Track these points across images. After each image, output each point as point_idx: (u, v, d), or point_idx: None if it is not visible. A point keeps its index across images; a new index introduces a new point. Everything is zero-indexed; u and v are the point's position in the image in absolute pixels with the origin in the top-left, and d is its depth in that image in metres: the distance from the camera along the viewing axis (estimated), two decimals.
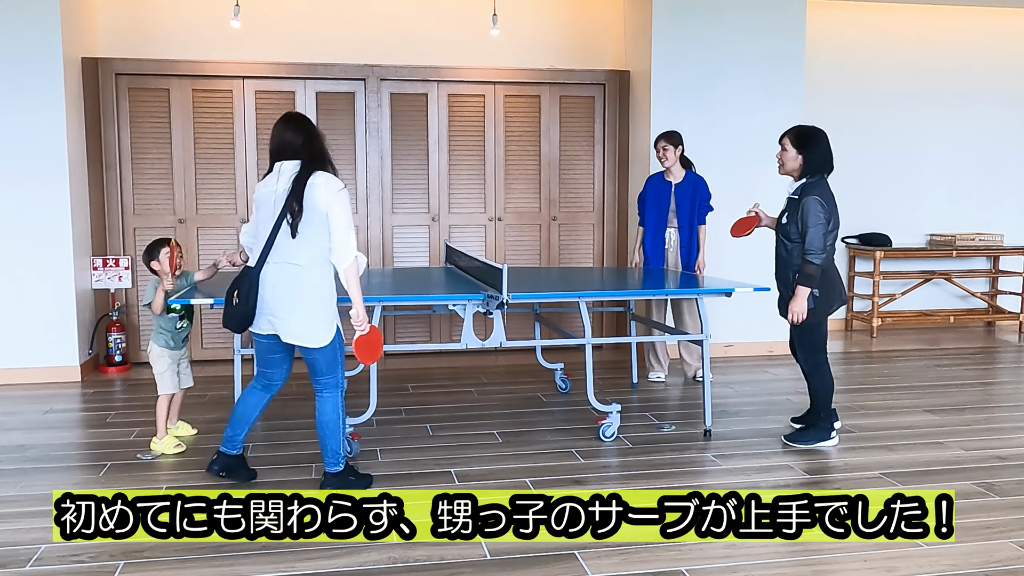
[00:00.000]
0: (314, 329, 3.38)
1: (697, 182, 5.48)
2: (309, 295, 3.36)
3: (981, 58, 7.79)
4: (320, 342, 3.39)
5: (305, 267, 3.35)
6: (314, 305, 3.37)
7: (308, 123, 3.48)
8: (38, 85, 5.41)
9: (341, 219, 3.33)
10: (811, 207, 3.92)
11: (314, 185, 3.32)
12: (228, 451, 3.64)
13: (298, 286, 3.35)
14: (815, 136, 4.05)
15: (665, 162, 5.42)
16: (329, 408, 3.48)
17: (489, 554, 2.95)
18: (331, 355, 3.44)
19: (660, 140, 5.43)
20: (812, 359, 4.19)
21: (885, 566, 2.87)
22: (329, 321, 3.42)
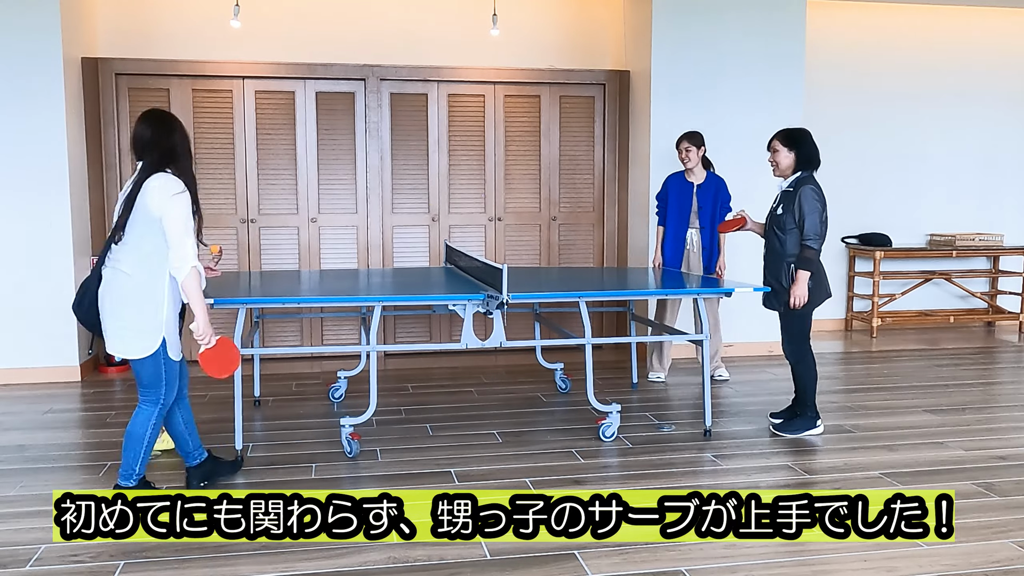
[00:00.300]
0: (129, 340, 3.23)
1: (719, 183, 5.49)
2: (129, 303, 3.21)
3: (981, 58, 7.79)
4: (135, 354, 3.24)
5: (130, 274, 3.19)
6: (133, 314, 3.21)
7: (162, 120, 3.29)
8: (38, 85, 5.41)
9: (173, 226, 3.15)
10: (807, 195, 4.16)
11: (148, 189, 3.16)
12: (192, 463, 3.61)
13: (120, 293, 3.21)
14: (802, 134, 4.33)
15: (688, 163, 5.41)
16: (140, 420, 3.32)
17: (489, 554, 2.95)
18: (152, 369, 3.27)
19: (683, 141, 5.42)
20: (798, 349, 4.33)
21: (885, 566, 2.87)
22: (149, 333, 3.23)
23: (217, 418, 4.67)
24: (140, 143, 3.25)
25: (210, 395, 5.22)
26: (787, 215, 4.21)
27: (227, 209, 6.22)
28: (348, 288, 4.51)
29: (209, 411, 4.83)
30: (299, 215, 6.32)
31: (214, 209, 6.19)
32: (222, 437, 4.29)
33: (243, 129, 6.19)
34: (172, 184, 3.19)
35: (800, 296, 4.17)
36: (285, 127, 6.26)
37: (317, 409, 4.92)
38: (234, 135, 6.18)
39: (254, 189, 6.24)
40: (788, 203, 4.22)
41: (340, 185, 6.36)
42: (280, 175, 6.29)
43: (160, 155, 3.23)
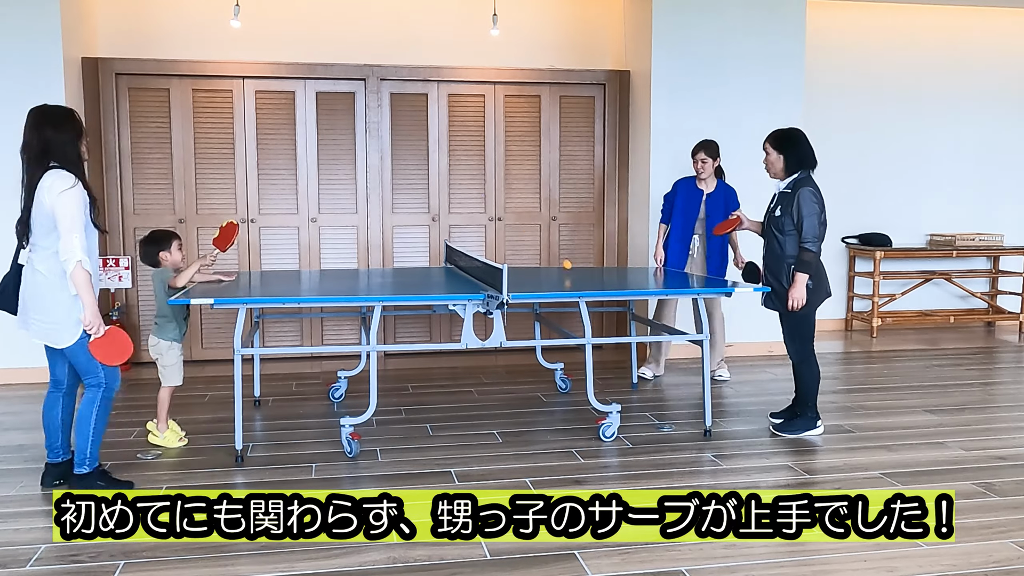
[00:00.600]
0: (55, 332, 3.37)
1: (729, 193, 5.49)
2: (48, 298, 3.35)
3: (981, 58, 7.79)
4: (63, 343, 3.39)
5: (44, 272, 3.33)
6: (53, 308, 3.35)
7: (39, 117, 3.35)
8: (38, 85, 5.41)
9: (61, 222, 3.24)
10: (805, 198, 4.15)
11: (40, 188, 3.27)
12: (54, 459, 3.61)
13: (39, 291, 3.35)
14: (792, 136, 4.31)
15: (703, 173, 5.41)
16: (86, 404, 3.48)
17: (489, 554, 2.95)
18: (84, 355, 3.41)
19: (700, 151, 5.39)
20: (802, 349, 4.33)
21: (885, 566, 2.87)
22: (72, 323, 3.36)
23: (217, 418, 4.67)
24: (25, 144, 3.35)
25: (210, 395, 5.23)
26: (785, 217, 4.21)
27: (227, 209, 6.22)
28: (348, 288, 4.52)
29: (209, 411, 4.83)
30: (299, 215, 6.33)
31: (214, 209, 6.19)
32: (222, 437, 4.29)
33: (243, 129, 6.19)
34: (62, 181, 3.26)
35: (798, 299, 4.17)
36: (285, 127, 6.26)
37: (317, 409, 4.92)
38: (234, 135, 6.18)
39: (254, 189, 6.25)
40: (786, 205, 4.21)
41: (340, 185, 6.36)
42: (280, 175, 6.29)
43: (38, 152, 3.31)
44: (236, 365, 3.90)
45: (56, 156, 3.32)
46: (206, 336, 6.29)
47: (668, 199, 5.62)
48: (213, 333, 6.30)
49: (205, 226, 6.18)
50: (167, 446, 4.13)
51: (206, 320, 6.27)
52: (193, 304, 3.88)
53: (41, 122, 3.34)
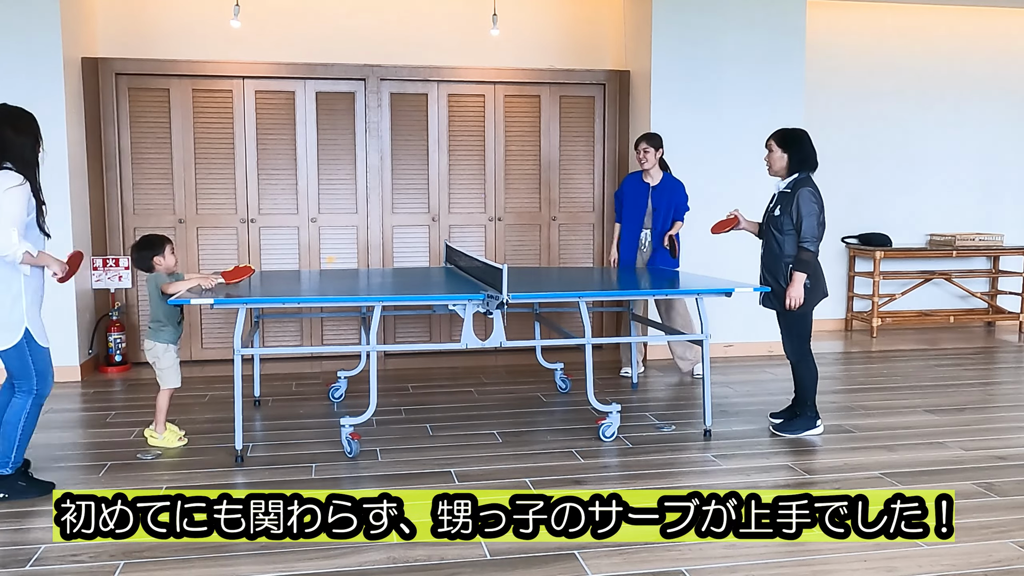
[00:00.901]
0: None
1: (675, 186, 5.50)
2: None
3: (981, 58, 7.79)
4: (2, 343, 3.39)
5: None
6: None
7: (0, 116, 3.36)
8: (38, 85, 5.41)
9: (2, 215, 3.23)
10: (804, 197, 4.16)
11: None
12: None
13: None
14: (798, 136, 4.30)
15: (645, 164, 5.44)
16: (15, 410, 3.47)
17: (489, 554, 2.95)
18: (18, 360, 3.42)
19: (641, 142, 5.46)
20: (799, 348, 4.33)
21: (885, 566, 2.87)
22: (10, 325, 3.37)
23: (217, 418, 4.67)
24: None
25: (210, 395, 5.23)
26: (785, 216, 4.21)
27: (227, 209, 6.22)
28: (348, 288, 4.52)
29: (209, 411, 4.83)
30: (299, 215, 6.33)
31: (214, 209, 6.19)
32: (222, 437, 4.30)
33: (243, 129, 6.19)
34: (5, 180, 3.28)
35: (795, 298, 4.18)
36: (285, 127, 6.26)
37: (317, 409, 4.92)
38: (234, 135, 6.18)
39: (254, 189, 6.24)
40: (786, 204, 4.22)
41: (340, 185, 6.36)
42: (280, 175, 6.29)
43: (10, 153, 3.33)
44: (236, 365, 3.90)
45: (11, 156, 3.35)
46: (206, 336, 6.29)
47: (618, 197, 5.65)
48: (213, 333, 6.30)
49: (205, 226, 6.18)
50: (167, 446, 4.13)
51: (206, 320, 6.27)
52: (193, 304, 3.88)
53: (2, 122, 3.35)
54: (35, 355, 3.47)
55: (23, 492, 3.48)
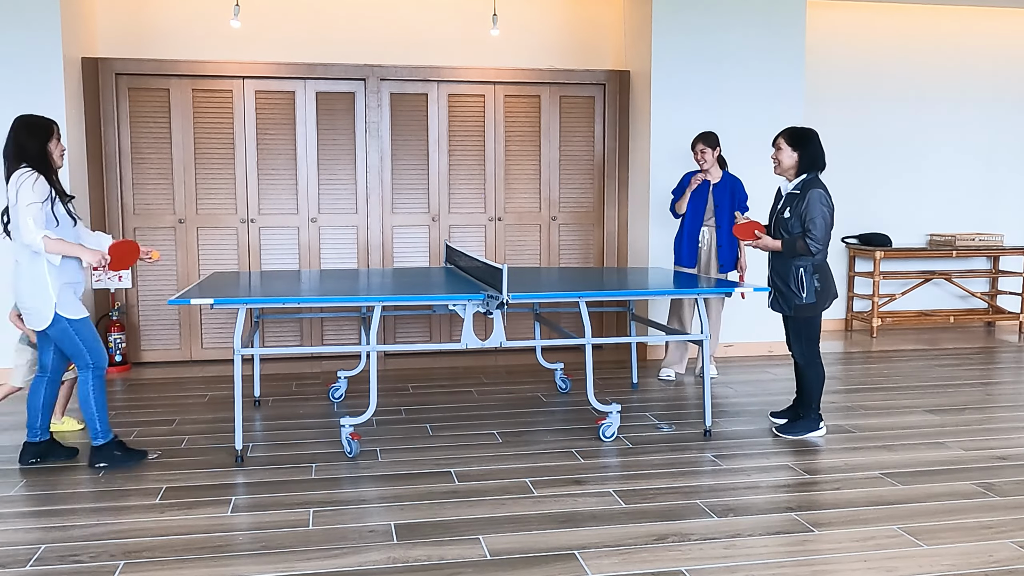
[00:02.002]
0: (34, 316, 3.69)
1: (735, 182, 5.50)
2: (23, 286, 3.68)
3: (981, 58, 7.79)
4: (40, 326, 3.69)
5: (20, 262, 3.68)
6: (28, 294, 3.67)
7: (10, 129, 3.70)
8: (38, 85, 5.41)
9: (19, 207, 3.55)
10: (816, 199, 4.11)
11: (8, 186, 3.63)
12: (33, 439, 3.91)
13: (16, 279, 3.70)
14: (808, 135, 4.26)
15: (704, 164, 5.42)
16: (80, 388, 3.79)
17: (489, 554, 2.95)
18: (65, 338, 3.72)
19: (698, 143, 5.43)
20: (809, 351, 4.31)
21: (885, 566, 2.87)
22: (43, 307, 3.66)
23: (217, 418, 4.67)
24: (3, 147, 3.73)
25: (210, 395, 5.23)
26: (794, 219, 4.16)
27: (227, 209, 6.22)
28: (348, 288, 4.51)
29: (209, 411, 4.83)
30: (299, 215, 6.33)
31: (214, 209, 6.19)
32: (222, 437, 4.30)
33: (243, 129, 6.19)
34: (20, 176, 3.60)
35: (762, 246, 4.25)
36: (285, 127, 6.26)
37: (317, 409, 4.92)
38: (234, 135, 6.18)
39: (254, 189, 6.25)
40: (795, 206, 4.17)
41: (340, 185, 6.37)
42: (280, 175, 6.29)
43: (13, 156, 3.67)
44: (236, 365, 3.90)
45: (26, 158, 3.66)
46: (206, 336, 6.29)
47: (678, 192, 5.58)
48: (213, 333, 6.30)
49: (205, 226, 6.18)
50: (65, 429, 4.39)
51: (206, 320, 6.27)
52: (193, 304, 3.88)
53: (18, 129, 3.70)
54: (80, 332, 3.73)
55: (121, 460, 3.85)
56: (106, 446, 3.83)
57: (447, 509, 3.34)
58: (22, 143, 3.67)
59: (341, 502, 3.40)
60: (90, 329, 3.78)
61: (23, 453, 3.90)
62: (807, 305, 4.20)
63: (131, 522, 3.22)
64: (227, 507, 3.36)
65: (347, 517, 3.25)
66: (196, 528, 3.16)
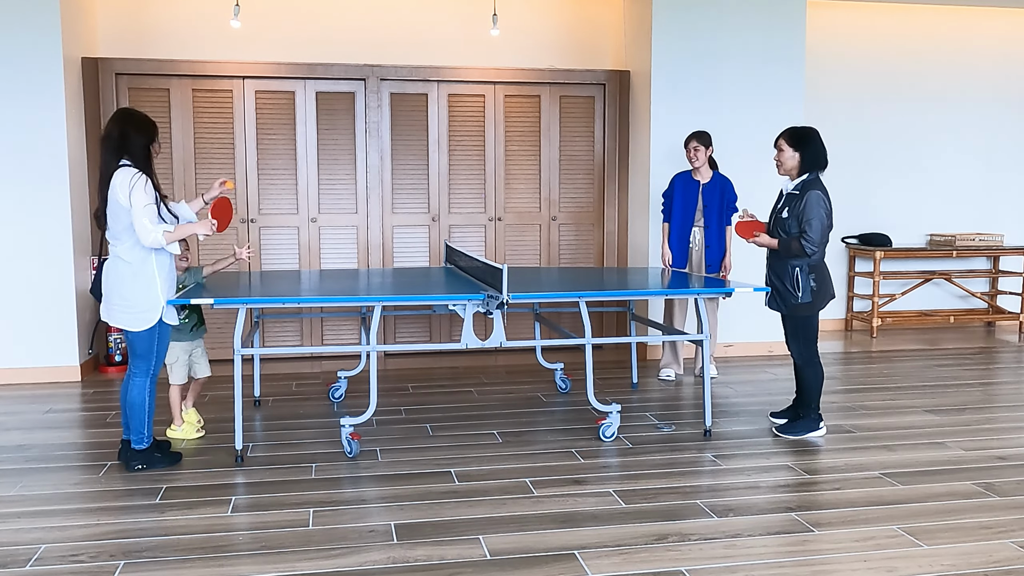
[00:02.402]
0: (131, 316, 3.67)
1: (724, 183, 5.51)
2: (127, 283, 3.66)
3: (982, 58, 7.79)
4: (137, 327, 3.68)
5: (124, 258, 3.66)
6: (131, 293, 3.65)
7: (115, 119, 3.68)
8: (38, 85, 5.41)
9: (135, 213, 3.56)
10: (814, 201, 4.11)
11: (113, 184, 3.60)
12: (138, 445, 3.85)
13: (118, 276, 3.67)
14: (809, 134, 4.25)
15: (696, 162, 5.43)
16: (136, 391, 3.75)
17: (489, 554, 2.95)
18: (148, 342, 3.71)
19: (692, 140, 5.43)
20: (806, 351, 4.31)
21: (885, 566, 2.87)
22: (148, 309, 3.67)
23: (217, 418, 4.67)
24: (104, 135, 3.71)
25: (210, 395, 5.23)
26: (792, 219, 4.17)
27: None
28: (348, 288, 4.51)
29: (209, 411, 4.83)
30: (299, 215, 6.33)
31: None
32: (222, 437, 4.30)
33: (243, 129, 6.19)
34: (128, 176, 3.59)
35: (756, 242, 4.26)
36: (285, 127, 6.26)
37: (317, 409, 4.92)
38: (234, 135, 6.19)
39: (254, 189, 6.25)
40: (794, 206, 4.17)
41: (340, 185, 6.37)
42: (280, 175, 6.29)
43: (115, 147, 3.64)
44: (236, 365, 3.90)
45: (128, 153, 3.64)
46: (206, 336, 6.27)
47: (667, 196, 5.62)
48: (213, 333, 6.29)
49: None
50: (186, 437, 4.28)
51: (206, 320, 6.25)
52: (192, 304, 3.89)
53: (125, 120, 3.68)
54: (162, 338, 3.77)
55: (160, 462, 3.83)
56: (148, 449, 3.83)
57: (447, 509, 3.34)
58: (128, 137, 3.64)
59: (341, 502, 3.40)
60: (168, 332, 3.84)
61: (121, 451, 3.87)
62: (803, 305, 4.21)
63: (131, 522, 3.22)
64: (227, 507, 3.36)
65: (347, 517, 3.26)
66: (196, 528, 3.16)
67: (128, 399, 3.78)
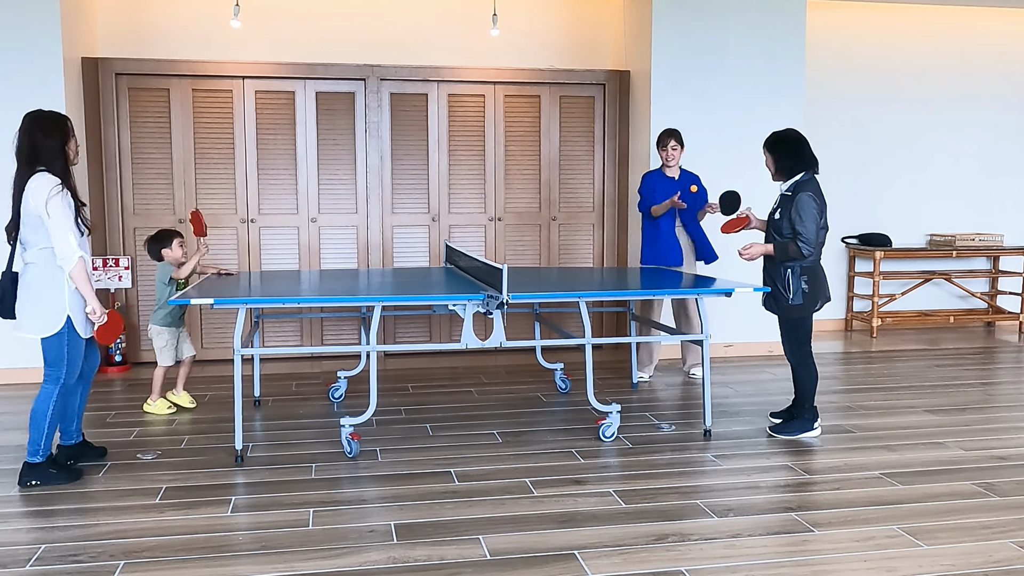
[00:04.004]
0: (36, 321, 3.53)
1: (692, 177, 5.54)
2: (34, 289, 3.51)
3: (982, 58, 7.79)
4: (42, 332, 3.53)
5: (35, 263, 3.51)
6: (38, 298, 3.51)
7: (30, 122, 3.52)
8: (38, 85, 5.41)
9: (53, 224, 3.42)
10: (805, 203, 4.10)
11: (27, 191, 3.44)
12: (68, 442, 3.86)
13: (28, 281, 3.53)
14: (784, 138, 4.25)
15: (672, 160, 5.45)
16: (42, 399, 3.59)
17: (489, 554, 2.95)
18: (57, 348, 3.55)
19: (670, 138, 5.43)
20: (799, 351, 4.32)
21: (885, 566, 2.87)
22: (53, 314, 3.52)
23: (217, 418, 4.67)
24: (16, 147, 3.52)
25: (210, 395, 5.23)
26: (783, 220, 4.18)
27: (227, 209, 6.22)
28: (348, 288, 4.51)
29: (209, 411, 4.83)
30: (299, 215, 6.33)
31: (214, 209, 6.19)
32: (222, 437, 4.30)
33: (243, 129, 6.19)
34: (44, 185, 3.43)
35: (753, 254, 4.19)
36: (285, 127, 6.26)
37: (317, 409, 4.92)
38: (234, 135, 6.18)
39: (254, 189, 6.25)
40: (786, 208, 4.18)
41: (340, 185, 6.37)
42: (280, 175, 6.29)
43: (28, 156, 3.48)
44: (236, 365, 3.90)
45: (44, 160, 3.50)
46: (206, 336, 6.28)
47: (647, 195, 5.53)
48: (213, 333, 6.30)
49: (208, 225, 6.16)
50: (156, 412, 4.63)
51: (206, 320, 6.27)
52: (193, 304, 3.88)
53: (32, 127, 3.51)
54: (72, 345, 3.59)
55: (54, 478, 3.63)
56: (43, 464, 3.62)
57: (447, 509, 3.34)
58: (38, 143, 3.47)
59: (341, 502, 3.40)
60: (81, 344, 3.63)
61: (57, 455, 3.78)
62: (795, 306, 4.22)
63: (131, 522, 3.22)
64: (227, 507, 3.36)
65: (347, 517, 3.25)
66: (196, 528, 3.16)
67: (32, 408, 3.59)
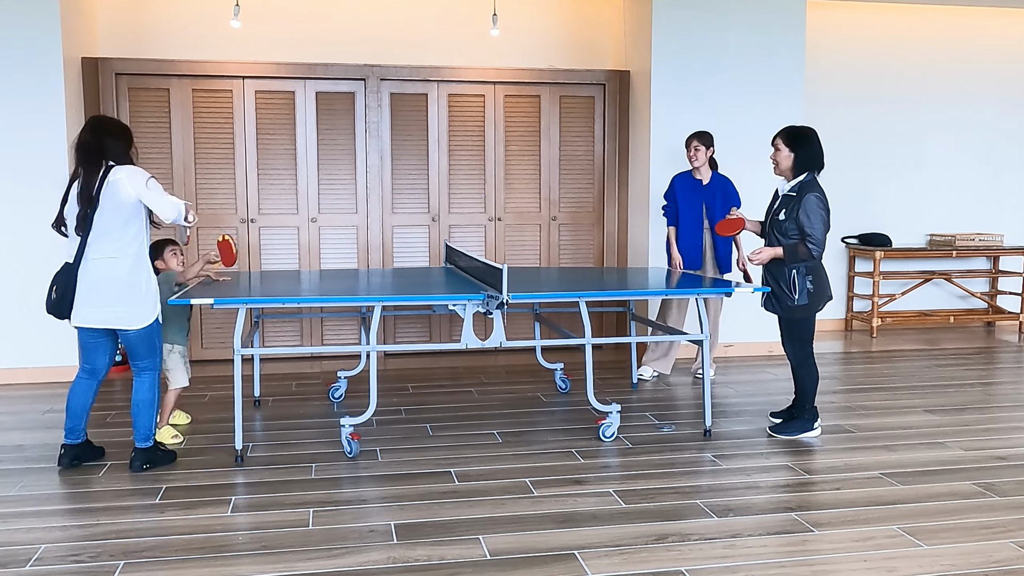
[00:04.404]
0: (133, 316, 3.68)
1: (725, 182, 5.50)
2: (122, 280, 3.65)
3: (981, 58, 7.79)
4: (140, 325, 3.69)
5: (116, 255, 3.63)
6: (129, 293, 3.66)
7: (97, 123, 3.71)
8: (38, 85, 5.41)
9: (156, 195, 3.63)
10: (812, 203, 4.08)
11: (116, 181, 3.58)
12: (72, 441, 3.86)
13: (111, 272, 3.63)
14: (805, 135, 4.21)
15: (695, 162, 5.41)
16: (146, 388, 3.80)
17: (489, 554, 2.95)
18: (149, 340, 3.75)
19: (693, 140, 5.40)
20: (801, 351, 4.31)
21: (885, 566, 2.87)
22: (149, 306, 3.71)
23: (217, 418, 4.67)
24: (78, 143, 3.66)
25: (210, 395, 5.23)
26: (789, 221, 4.14)
27: (227, 209, 6.22)
28: (348, 288, 4.51)
29: (209, 411, 4.83)
30: (299, 215, 6.33)
31: (214, 209, 6.19)
32: (222, 437, 4.30)
33: (243, 129, 6.19)
34: (138, 170, 3.66)
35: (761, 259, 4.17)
36: (285, 127, 6.26)
37: (317, 409, 4.92)
38: (234, 135, 6.19)
39: (254, 189, 6.25)
40: (791, 208, 4.14)
41: (340, 185, 6.37)
42: (280, 175, 6.29)
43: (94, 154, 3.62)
44: (236, 365, 3.90)
45: (110, 159, 3.63)
46: (206, 336, 6.28)
47: (669, 197, 5.59)
48: (213, 333, 6.30)
49: (205, 226, 6.18)
50: (164, 441, 4.18)
51: (206, 320, 6.27)
52: (193, 304, 3.88)
53: (101, 128, 3.67)
54: (159, 333, 3.82)
55: (160, 459, 3.87)
56: (152, 448, 3.85)
57: (447, 509, 3.34)
58: (107, 143, 3.62)
59: (341, 502, 3.40)
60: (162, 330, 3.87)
61: (62, 456, 3.83)
62: (799, 307, 4.20)
63: (131, 522, 3.22)
64: (227, 507, 3.37)
65: (347, 517, 3.26)
66: (196, 528, 3.16)
67: (138, 398, 3.79)
